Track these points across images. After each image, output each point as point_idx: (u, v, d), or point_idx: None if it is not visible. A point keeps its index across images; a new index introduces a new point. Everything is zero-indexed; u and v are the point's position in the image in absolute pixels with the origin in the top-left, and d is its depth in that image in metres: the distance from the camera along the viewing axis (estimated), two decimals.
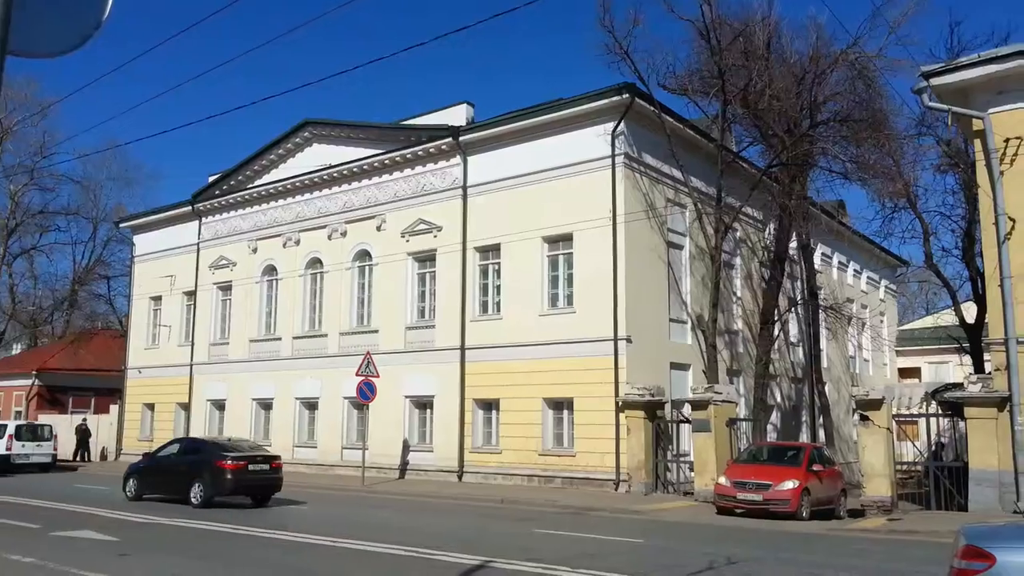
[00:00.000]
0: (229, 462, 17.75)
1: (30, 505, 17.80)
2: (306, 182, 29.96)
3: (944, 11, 69.28)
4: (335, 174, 28.94)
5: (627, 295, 22.03)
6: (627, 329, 21.88)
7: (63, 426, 37.95)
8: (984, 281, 19.65)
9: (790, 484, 16.82)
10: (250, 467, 18.06)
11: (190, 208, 34.45)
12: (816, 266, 29.48)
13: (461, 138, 25.45)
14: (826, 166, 25.49)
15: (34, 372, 42.05)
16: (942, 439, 20.77)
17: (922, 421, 19.44)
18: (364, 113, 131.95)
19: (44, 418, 40.65)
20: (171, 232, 35.63)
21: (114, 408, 38.16)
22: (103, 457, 37.40)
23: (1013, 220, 16.16)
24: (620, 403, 21.44)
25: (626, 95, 22.10)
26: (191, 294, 34.38)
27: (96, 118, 79.02)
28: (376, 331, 27.40)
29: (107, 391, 41.42)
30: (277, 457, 19.36)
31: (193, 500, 17.71)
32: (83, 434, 36.58)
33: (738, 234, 27.55)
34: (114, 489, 20.42)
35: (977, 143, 17.20)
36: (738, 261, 28.54)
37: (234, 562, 11.08)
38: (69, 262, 54.74)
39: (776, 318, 25.51)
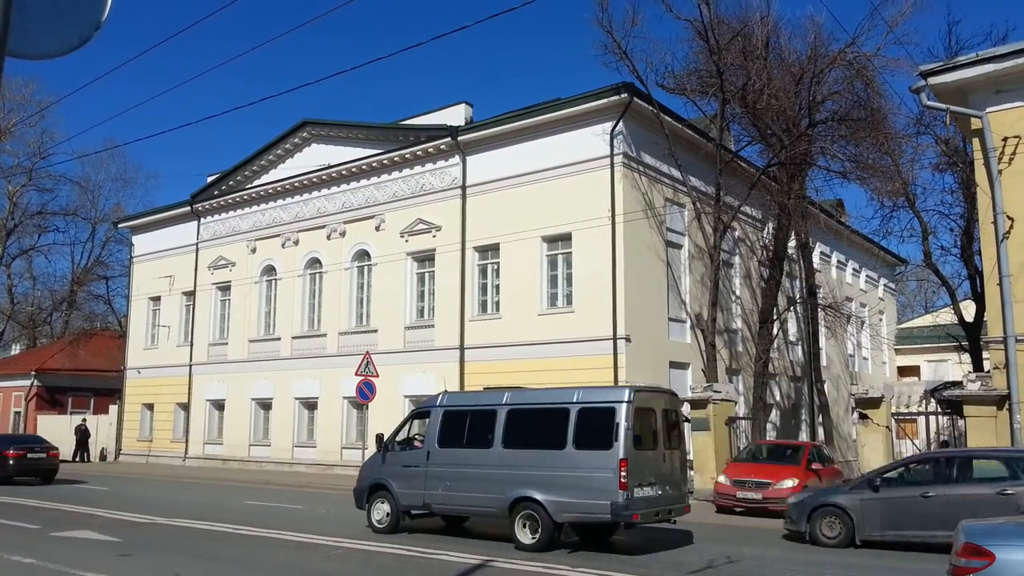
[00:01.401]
0: (12, 451, 23.25)
1: (29, 506, 17.80)
2: (305, 182, 29.96)
3: (942, 10, 69.31)
4: (334, 174, 28.94)
5: (626, 294, 22.04)
6: (626, 328, 21.89)
7: (63, 427, 37.96)
8: (983, 279, 19.66)
9: (789, 483, 16.82)
10: (29, 455, 23.57)
11: (189, 208, 34.45)
12: (815, 265, 29.48)
13: (460, 138, 25.45)
14: (825, 165, 25.49)
15: (33, 372, 42.02)
16: (943, 437, 20.79)
17: (921, 419, 19.49)
18: (363, 113, 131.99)
19: (43, 419, 40.68)
20: (170, 232, 35.62)
21: (113, 408, 38.14)
22: (102, 458, 37.38)
23: (1012, 219, 16.16)
24: None
25: (624, 95, 22.11)
26: (190, 294, 34.38)
27: (94, 118, 79.02)
28: (375, 331, 27.41)
29: (106, 391, 41.40)
30: (54, 448, 24.89)
31: None
32: (82, 435, 36.54)
33: (737, 233, 27.56)
34: (112, 488, 20.40)
35: (975, 142, 17.20)
36: (737, 260, 28.56)
37: (239, 562, 11.09)
38: (68, 262, 54.80)
39: (775, 317, 25.50)
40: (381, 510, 13.76)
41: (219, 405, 32.53)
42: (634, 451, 11.48)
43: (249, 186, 32.23)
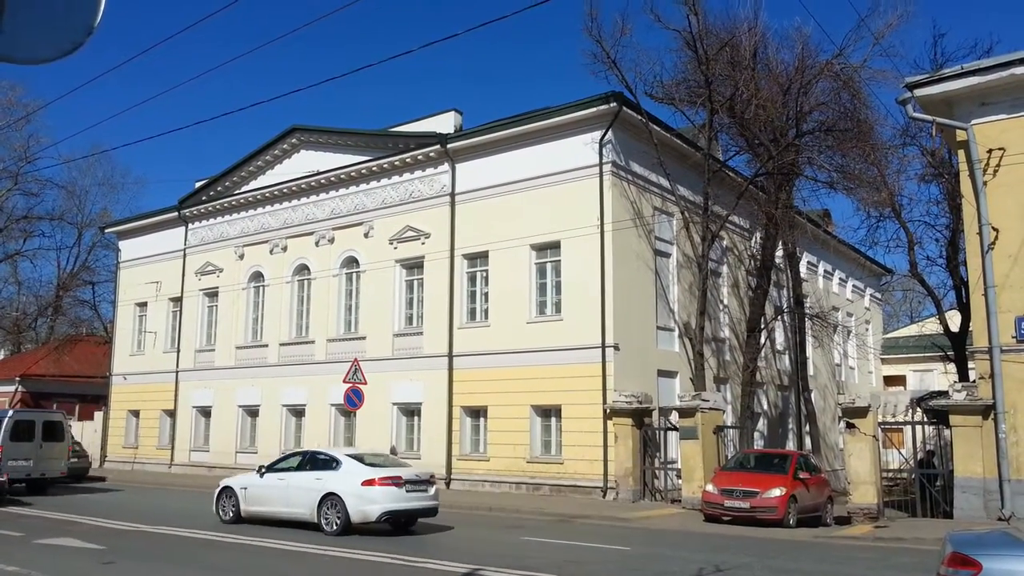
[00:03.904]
0: None
1: (12, 512, 17.62)
2: (293, 188, 29.90)
3: (928, 23, 70.25)
4: (323, 180, 28.89)
5: (615, 303, 22.08)
6: (615, 336, 21.92)
7: None
8: (968, 290, 19.83)
9: (777, 491, 16.88)
10: None
11: (176, 214, 34.30)
12: (802, 274, 29.65)
13: (449, 145, 25.47)
14: (812, 175, 25.69)
15: (17, 378, 41.63)
16: (929, 446, 20.89)
17: (908, 429, 19.58)
18: (352, 120, 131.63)
19: None
20: (157, 238, 35.44)
21: (99, 415, 37.83)
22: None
23: (996, 230, 16.31)
24: (608, 410, 21.47)
25: (613, 104, 22.20)
26: (177, 300, 34.19)
27: (82, 123, 78.58)
28: (363, 338, 27.33)
29: (92, 398, 41.08)
30: None
31: None
32: None
33: (725, 242, 27.69)
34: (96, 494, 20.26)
35: (961, 154, 17.37)
36: (725, 269, 28.67)
37: (223, 569, 11.03)
38: (53, 267, 54.51)
39: (762, 326, 25.62)
40: None
41: (206, 412, 32.34)
42: (10, 442, 20.97)
43: (237, 192, 32.13)
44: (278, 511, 14.99)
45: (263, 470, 15.79)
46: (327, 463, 14.96)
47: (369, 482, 14.04)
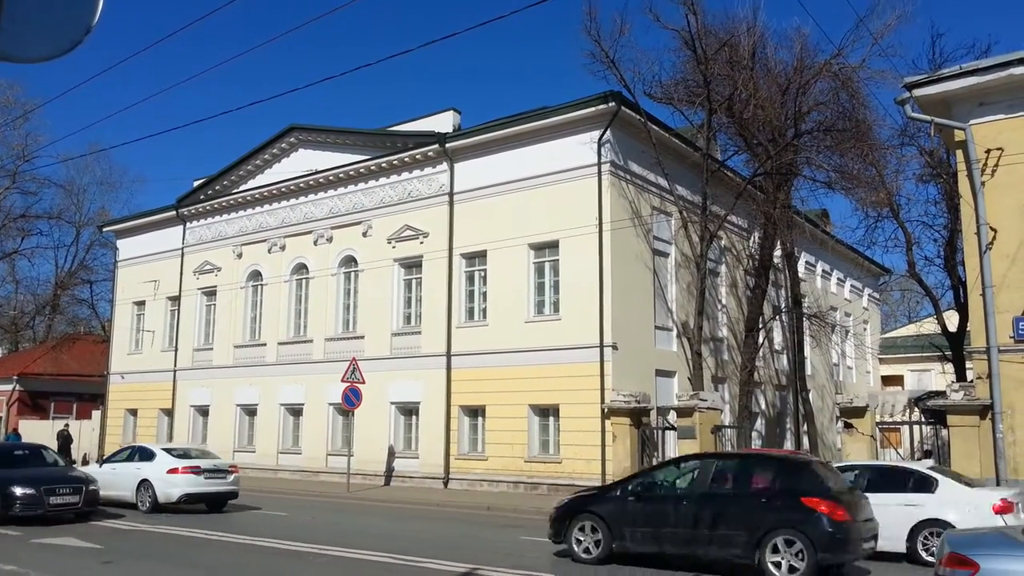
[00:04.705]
0: None
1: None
2: (292, 187, 29.88)
3: (926, 23, 70.28)
4: (321, 179, 28.87)
5: (613, 302, 22.08)
6: (613, 336, 21.93)
7: (45, 432, 37.58)
8: (966, 290, 19.85)
9: None
10: None
11: (175, 212, 34.27)
12: (800, 274, 29.66)
13: (447, 145, 25.47)
14: (810, 175, 25.69)
15: (15, 377, 41.63)
16: (926, 446, 20.92)
17: (905, 428, 19.61)
18: (351, 119, 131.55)
19: (25, 424, 40.29)
20: (155, 237, 35.40)
21: (96, 414, 37.82)
22: (84, 463, 37.03)
23: (994, 230, 16.31)
24: (606, 410, 21.47)
25: (612, 103, 22.20)
26: (175, 299, 34.16)
27: (80, 122, 78.51)
28: (362, 337, 27.33)
29: (89, 396, 41.08)
30: None
31: None
32: (64, 440, 36.17)
33: (723, 242, 27.70)
34: None
35: (959, 154, 17.36)
36: (723, 269, 28.68)
37: (218, 569, 11.02)
38: (51, 266, 54.58)
39: (761, 326, 25.62)
40: None
41: (203, 411, 32.32)
42: None
43: (236, 191, 32.10)
44: (110, 494, 17.71)
45: (102, 462, 19.53)
46: (148, 455, 18.38)
47: (173, 470, 17.49)
